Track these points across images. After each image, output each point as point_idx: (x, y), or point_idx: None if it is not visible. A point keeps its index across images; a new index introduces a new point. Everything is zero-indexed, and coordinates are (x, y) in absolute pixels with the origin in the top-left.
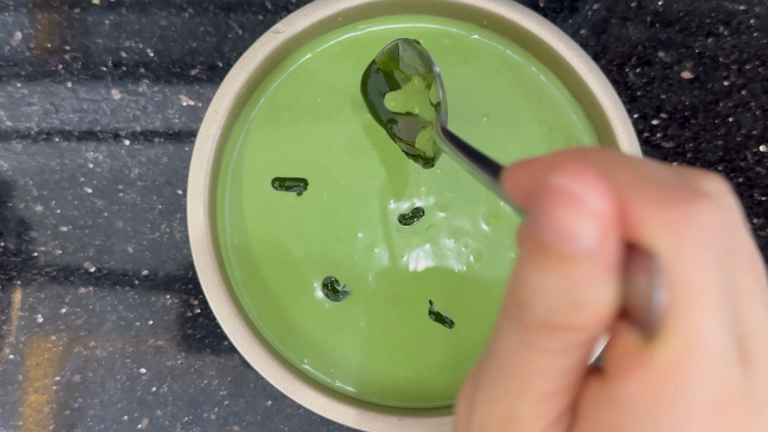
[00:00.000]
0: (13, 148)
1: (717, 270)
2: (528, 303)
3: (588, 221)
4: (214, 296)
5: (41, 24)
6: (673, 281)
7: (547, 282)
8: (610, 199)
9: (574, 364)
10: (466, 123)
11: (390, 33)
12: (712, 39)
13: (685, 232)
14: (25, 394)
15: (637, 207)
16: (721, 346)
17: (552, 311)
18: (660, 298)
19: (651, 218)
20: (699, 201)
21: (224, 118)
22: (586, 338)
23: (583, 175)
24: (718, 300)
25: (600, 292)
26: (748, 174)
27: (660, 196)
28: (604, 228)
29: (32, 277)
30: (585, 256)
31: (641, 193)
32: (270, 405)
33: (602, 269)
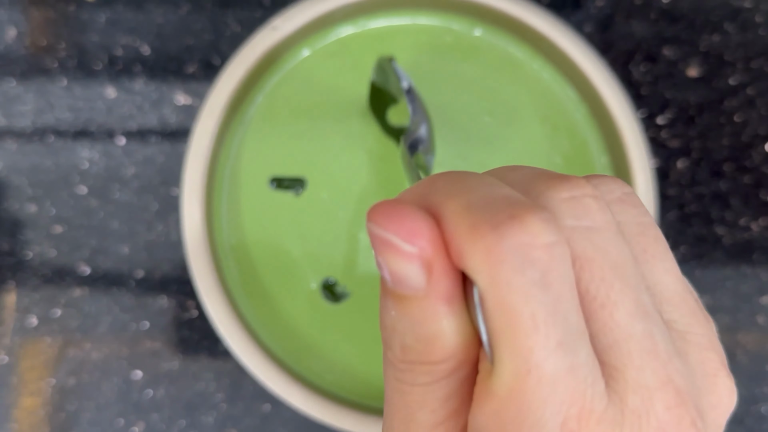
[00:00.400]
0: (7, 147)
1: (540, 291)
2: (387, 341)
3: (409, 264)
4: (209, 298)
5: (35, 21)
6: (490, 310)
7: (396, 321)
8: (426, 239)
9: (451, 392)
10: (468, 121)
11: (390, 29)
12: (718, 36)
13: (497, 257)
14: (20, 397)
15: (456, 238)
16: (560, 368)
17: (406, 349)
18: (482, 328)
19: (467, 248)
20: (516, 221)
21: (221, 117)
22: (451, 368)
23: (394, 220)
24: (545, 322)
25: (444, 325)
26: (755, 173)
27: (477, 223)
28: (427, 267)
29: (26, 279)
30: (419, 294)
31: (461, 223)
32: (268, 409)
33: (440, 304)
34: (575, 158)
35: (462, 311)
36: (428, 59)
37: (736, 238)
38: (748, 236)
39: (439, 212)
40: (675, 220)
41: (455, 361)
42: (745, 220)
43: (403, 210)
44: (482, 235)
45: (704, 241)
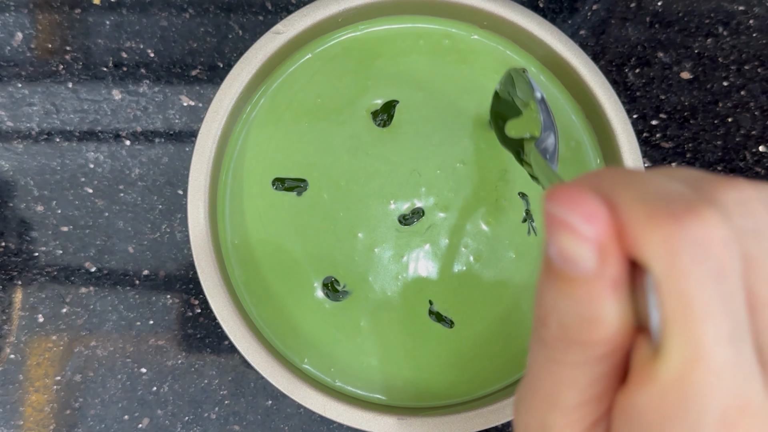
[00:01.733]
0: (14, 148)
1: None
2: (544, 319)
3: (584, 246)
4: (214, 296)
5: (42, 24)
6: (666, 297)
7: (558, 300)
8: (603, 223)
9: (600, 375)
10: (467, 123)
11: (390, 33)
12: (711, 39)
13: (676, 247)
14: (26, 394)
15: (633, 226)
16: (727, 359)
17: (565, 327)
18: (654, 314)
19: (645, 236)
20: (695, 215)
21: (225, 119)
22: (606, 351)
23: (575, 202)
24: (719, 313)
25: (608, 308)
26: (748, 174)
27: (655, 213)
28: (601, 251)
29: (33, 277)
30: (588, 276)
31: (638, 211)
32: (270, 404)
33: (607, 288)
34: (570, 159)
35: (626, 296)
36: (427, 62)
37: None
38: None
39: (613, 201)
40: None
41: (611, 344)
42: None
43: (583, 193)
44: (661, 224)
45: None
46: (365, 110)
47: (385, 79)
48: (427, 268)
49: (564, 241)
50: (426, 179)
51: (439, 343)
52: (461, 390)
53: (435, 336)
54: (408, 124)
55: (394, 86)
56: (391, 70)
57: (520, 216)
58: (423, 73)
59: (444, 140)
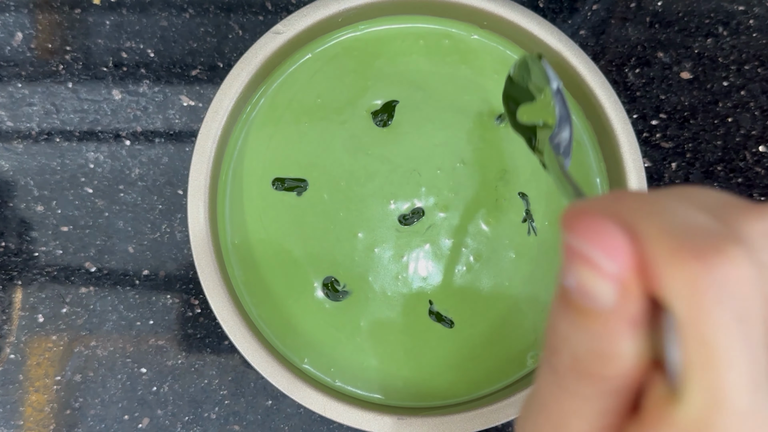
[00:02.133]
0: (14, 148)
1: (739, 327)
2: (557, 348)
3: (604, 282)
4: (214, 296)
5: (42, 24)
6: (689, 341)
7: (572, 332)
8: (626, 259)
9: (611, 408)
10: (467, 123)
11: (390, 33)
12: (711, 39)
13: (701, 287)
14: (26, 394)
15: (656, 261)
16: (748, 406)
17: (578, 360)
18: (673, 354)
19: (668, 273)
20: (721, 253)
21: (225, 119)
22: (619, 385)
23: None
24: (742, 359)
25: (625, 345)
26: (748, 174)
27: (680, 249)
28: (621, 288)
29: (33, 277)
30: (606, 312)
31: (662, 246)
32: (270, 404)
33: (625, 324)
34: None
35: (643, 334)
36: (427, 62)
37: None
38: None
39: (636, 231)
40: None
41: (625, 379)
42: None
43: (605, 224)
44: (686, 263)
45: None
46: (365, 110)
47: (385, 79)
48: (427, 268)
49: (583, 275)
50: (426, 179)
51: (439, 343)
52: (461, 390)
53: (435, 336)
54: (408, 124)
55: (394, 86)
56: (391, 70)
57: (520, 216)
58: (423, 73)
59: (444, 140)
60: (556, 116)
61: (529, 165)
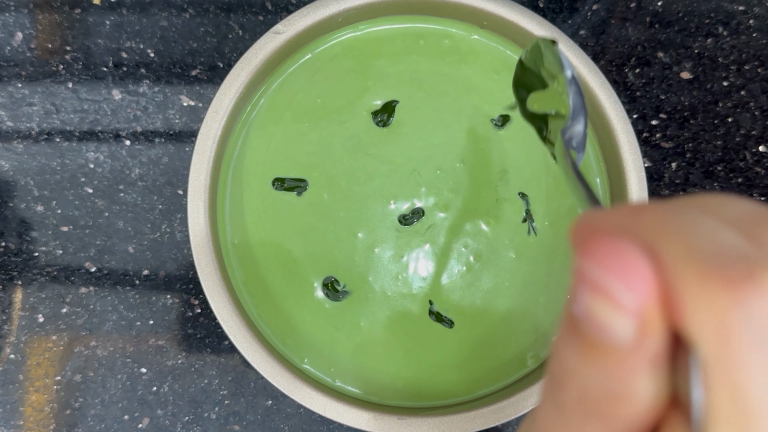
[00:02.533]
0: (14, 148)
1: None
2: (562, 382)
3: (621, 316)
4: (214, 296)
5: (42, 24)
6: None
7: (581, 366)
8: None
9: None
10: (466, 123)
11: (390, 33)
12: (711, 39)
13: (732, 323)
14: (26, 394)
15: (680, 289)
16: None
17: (587, 398)
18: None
19: (693, 304)
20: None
21: (225, 119)
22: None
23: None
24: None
25: (642, 386)
26: (748, 174)
27: (707, 276)
28: (642, 323)
29: (33, 277)
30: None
31: (687, 271)
32: (270, 404)
33: (643, 363)
34: None
35: (664, 372)
36: (427, 62)
37: None
38: None
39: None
40: None
41: (639, 421)
42: None
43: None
44: (715, 294)
45: None
46: (365, 110)
47: (385, 79)
48: (427, 268)
49: (597, 306)
50: (426, 179)
51: (439, 343)
52: (461, 390)
53: (435, 336)
54: (408, 124)
55: (394, 86)
56: (391, 70)
57: (520, 216)
58: (423, 73)
59: (444, 140)
60: (570, 107)
61: (529, 165)
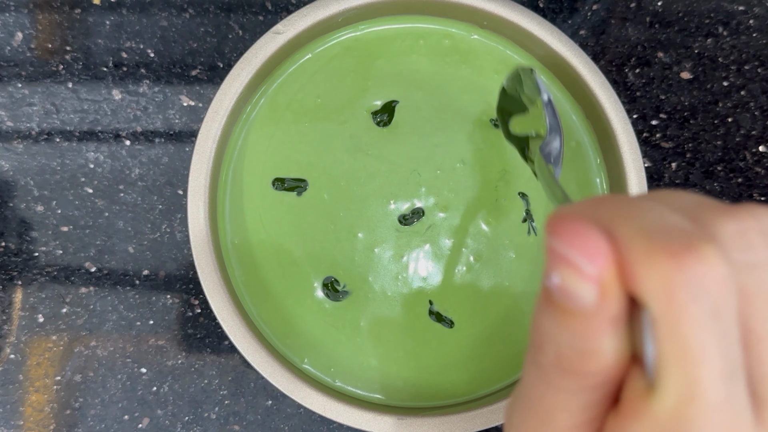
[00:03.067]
0: (14, 148)
1: (712, 323)
2: (541, 345)
3: (585, 283)
4: (214, 296)
5: (42, 24)
6: (663, 337)
7: (555, 330)
8: (605, 261)
9: (594, 401)
10: (467, 123)
11: (390, 33)
12: (711, 39)
13: (674, 286)
14: (26, 394)
15: (633, 261)
16: (721, 398)
17: (561, 357)
18: (649, 350)
19: (644, 273)
20: (693, 252)
21: (225, 119)
22: (601, 381)
23: (577, 238)
24: (714, 353)
25: (605, 343)
26: (748, 174)
27: (655, 249)
28: (602, 288)
29: (33, 277)
30: (587, 312)
31: (638, 247)
32: (270, 404)
33: (605, 323)
34: (570, 159)
35: (623, 331)
36: (427, 62)
37: None
38: None
39: (614, 233)
40: None
41: (606, 375)
42: None
43: (586, 228)
44: (660, 262)
45: None
46: (365, 110)
47: (385, 79)
48: (427, 268)
49: (565, 276)
50: (426, 179)
51: (439, 343)
52: (461, 390)
53: (435, 336)
54: (408, 124)
55: (394, 86)
56: (391, 70)
57: (520, 216)
58: (423, 73)
59: (444, 140)
60: (547, 126)
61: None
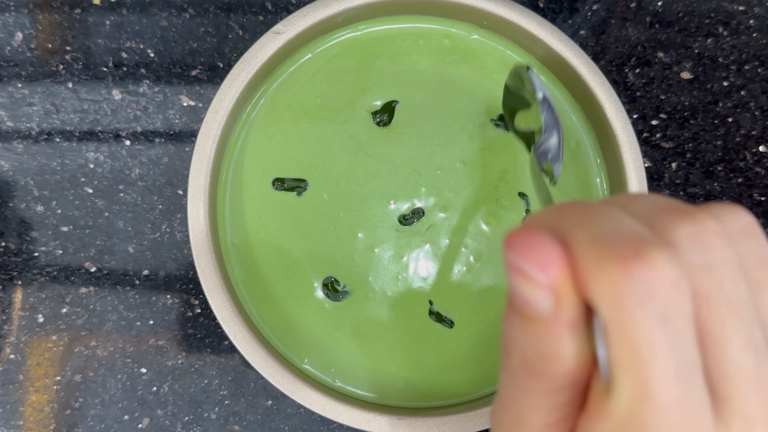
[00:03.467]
0: (14, 148)
1: (661, 325)
2: (508, 350)
3: (539, 291)
4: (214, 296)
5: (42, 24)
6: (613, 340)
7: (519, 335)
8: (557, 270)
9: (563, 402)
10: (467, 123)
11: (390, 33)
12: (711, 39)
13: (621, 291)
14: (26, 394)
15: (584, 268)
16: (674, 396)
17: (526, 360)
18: (602, 355)
19: (594, 279)
20: (641, 257)
21: (225, 119)
22: (566, 382)
23: (530, 249)
24: (664, 354)
25: (565, 347)
26: (748, 174)
27: (604, 256)
28: (555, 296)
29: (33, 277)
30: (545, 317)
31: (588, 253)
32: (270, 404)
33: (563, 328)
34: (570, 159)
35: (582, 335)
36: (427, 62)
37: None
38: None
39: (568, 240)
40: None
41: (570, 377)
42: None
43: (537, 239)
44: (608, 269)
45: None
46: (365, 110)
47: (385, 79)
48: (427, 268)
49: (521, 286)
50: (426, 179)
51: (439, 343)
52: (461, 390)
53: (435, 336)
54: (408, 124)
55: (394, 86)
56: (391, 70)
57: (520, 216)
58: (423, 73)
59: (444, 140)
60: (542, 124)
61: (529, 165)
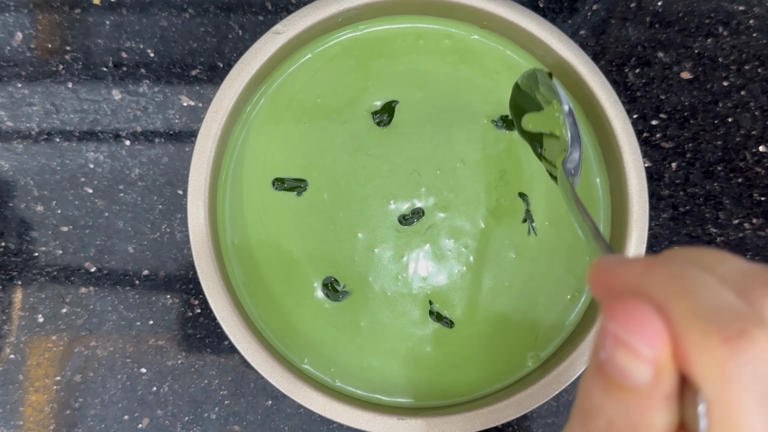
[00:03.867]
0: (14, 148)
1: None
2: (592, 415)
3: (641, 364)
4: (214, 296)
5: (42, 24)
6: (716, 421)
7: (607, 402)
8: (663, 345)
9: None
10: (466, 123)
11: (390, 33)
12: (711, 39)
13: (729, 372)
14: (26, 394)
15: (687, 343)
16: None
17: (613, 427)
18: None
19: (697, 355)
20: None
21: (224, 119)
22: None
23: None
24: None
25: (658, 417)
26: (748, 174)
27: (709, 333)
28: (657, 368)
29: (33, 277)
30: (642, 389)
31: (692, 330)
32: (270, 404)
33: (659, 399)
34: None
35: (675, 406)
36: (427, 62)
37: (730, 237)
38: (741, 235)
39: (667, 311)
40: (669, 220)
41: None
42: (738, 220)
43: (642, 312)
44: (714, 348)
45: (698, 241)
46: (365, 110)
47: (385, 79)
48: (427, 268)
49: (621, 357)
50: (426, 179)
51: (439, 343)
52: (461, 390)
53: (435, 336)
54: (408, 124)
55: (394, 86)
56: (391, 70)
57: (520, 216)
58: (423, 73)
59: (444, 140)
60: (568, 138)
61: (529, 165)
